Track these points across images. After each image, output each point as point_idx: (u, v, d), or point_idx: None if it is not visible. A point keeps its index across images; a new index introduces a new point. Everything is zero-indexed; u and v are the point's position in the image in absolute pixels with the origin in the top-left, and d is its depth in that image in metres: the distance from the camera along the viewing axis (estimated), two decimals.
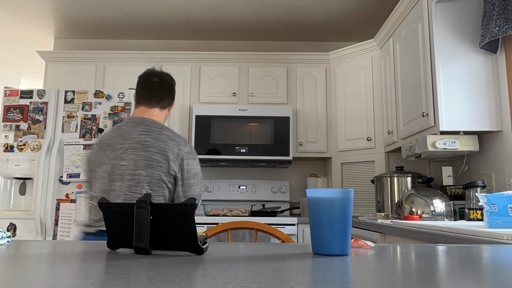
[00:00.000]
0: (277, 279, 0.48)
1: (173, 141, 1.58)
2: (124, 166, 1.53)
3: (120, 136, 1.58)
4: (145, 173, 1.51)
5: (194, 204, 0.72)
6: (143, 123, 1.60)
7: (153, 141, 1.55)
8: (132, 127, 1.59)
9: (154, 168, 1.52)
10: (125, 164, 1.53)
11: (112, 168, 1.54)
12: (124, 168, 1.52)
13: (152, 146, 1.54)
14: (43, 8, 3.42)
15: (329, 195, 0.74)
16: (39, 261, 0.62)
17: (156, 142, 1.55)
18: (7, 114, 2.91)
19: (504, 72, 2.14)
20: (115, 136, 1.59)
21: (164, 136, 1.58)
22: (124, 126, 1.61)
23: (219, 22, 3.65)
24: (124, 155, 1.54)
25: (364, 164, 3.19)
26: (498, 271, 0.56)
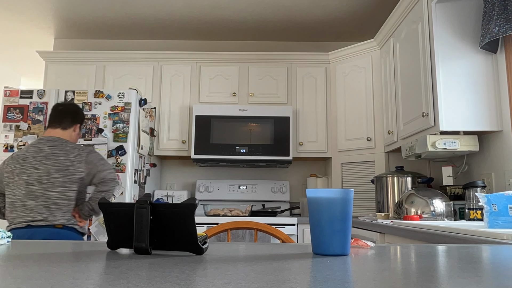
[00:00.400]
0: (277, 279, 0.48)
1: (75, 149, 2.08)
2: (39, 173, 1.99)
3: (33, 152, 2.04)
4: (57, 176, 1.99)
5: (194, 204, 0.72)
6: (51, 140, 2.09)
7: (60, 152, 2.04)
8: (43, 144, 2.07)
9: (63, 171, 2.01)
10: (40, 171, 1.99)
11: (29, 176, 1.99)
12: (39, 174, 1.99)
13: (60, 155, 2.03)
14: (43, 8, 3.42)
15: (329, 195, 0.74)
16: (39, 261, 0.62)
17: (63, 151, 2.04)
18: (7, 114, 2.91)
19: (504, 72, 2.14)
20: (29, 151, 2.05)
21: (68, 147, 2.08)
22: (36, 144, 2.07)
23: (219, 22, 3.65)
24: (38, 165, 2.00)
25: (364, 164, 3.20)
26: (498, 271, 0.56)
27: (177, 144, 3.45)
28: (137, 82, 3.54)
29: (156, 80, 3.56)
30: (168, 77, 3.55)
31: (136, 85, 3.53)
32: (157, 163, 3.61)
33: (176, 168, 3.80)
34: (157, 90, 3.54)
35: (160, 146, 3.44)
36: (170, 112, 3.50)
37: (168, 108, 3.50)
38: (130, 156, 2.82)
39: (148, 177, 3.27)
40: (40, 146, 2.06)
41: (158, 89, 3.54)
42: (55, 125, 2.16)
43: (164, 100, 3.52)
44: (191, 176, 3.79)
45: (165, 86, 3.54)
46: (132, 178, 2.85)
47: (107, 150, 2.81)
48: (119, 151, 2.82)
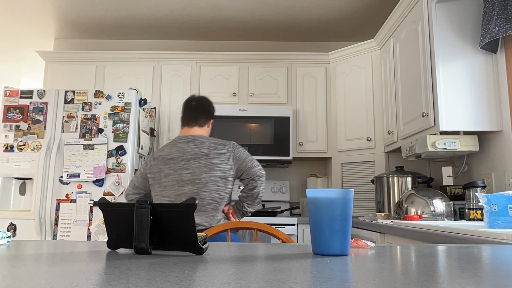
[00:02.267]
0: (277, 279, 0.48)
1: (220, 145, 2.00)
2: (190, 173, 1.92)
3: (178, 151, 1.97)
4: (209, 175, 1.93)
5: (194, 204, 0.72)
6: (194, 139, 2.01)
7: (206, 150, 1.96)
8: (186, 143, 1.99)
9: (214, 170, 1.93)
10: (190, 172, 1.93)
11: (179, 176, 1.93)
12: (190, 175, 1.92)
13: (208, 154, 1.95)
14: (43, 8, 3.42)
15: (329, 195, 0.74)
16: (39, 261, 0.62)
17: (209, 150, 1.97)
18: (7, 114, 2.91)
19: (504, 72, 2.14)
20: (174, 151, 1.98)
21: (213, 144, 1.99)
22: (178, 143, 2.00)
23: (219, 22, 3.65)
24: (187, 165, 1.94)
25: (364, 164, 3.19)
26: (498, 271, 0.56)
27: None
28: (137, 82, 3.54)
29: (156, 80, 3.56)
30: (168, 77, 3.55)
31: (136, 85, 3.53)
32: None
33: None
34: (157, 90, 3.54)
35: (160, 146, 3.44)
36: (170, 112, 3.50)
37: (168, 108, 3.50)
38: (130, 156, 2.82)
39: None
40: (184, 146, 1.98)
41: (158, 89, 3.54)
42: (192, 123, 2.08)
43: (164, 100, 3.52)
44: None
45: (165, 86, 3.54)
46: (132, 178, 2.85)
47: (107, 150, 2.81)
48: (119, 151, 2.82)
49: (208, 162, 1.94)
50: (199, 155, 1.95)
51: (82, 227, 2.73)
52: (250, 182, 1.99)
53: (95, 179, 2.76)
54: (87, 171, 2.78)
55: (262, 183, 2.01)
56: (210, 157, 1.95)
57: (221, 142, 2.02)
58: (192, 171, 1.92)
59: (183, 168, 1.93)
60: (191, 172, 1.92)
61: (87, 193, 2.77)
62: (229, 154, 1.98)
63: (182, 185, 1.92)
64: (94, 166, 2.78)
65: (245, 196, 2.01)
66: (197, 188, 1.91)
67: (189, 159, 1.94)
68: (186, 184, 1.92)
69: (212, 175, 1.92)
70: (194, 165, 1.93)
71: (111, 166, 2.79)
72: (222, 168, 1.95)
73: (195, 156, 1.94)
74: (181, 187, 1.92)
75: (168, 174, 1.95)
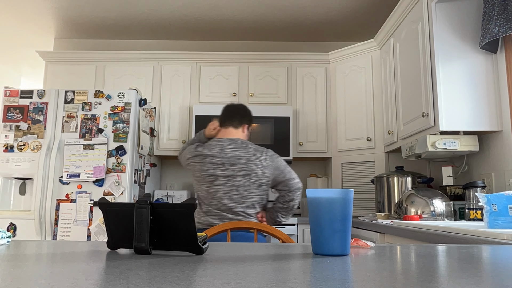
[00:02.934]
0: (277, 279, 0.48)
1: (259, 152, 2.01)
2: (224, 173, 1.94)
3: (216, 151, 1.99)
4: (244, 180, 1.94)
5: (194, 204, 0.72)
6: (233, 142, 2.03)
7: (245, 155, 1.98)
8: (225, 146, 2.01)
9: (250, 175, 1.95)
10: (225, 172, 1.95)
11: (213, 175, 1.95)
12: (224, 175, 1.94)
13: (246, 158, 1.97)
14: (43, 8, 3.42)
15: (329, 195, 0.74)
16: (39, 261, 0.62)
17: (247, 155, 1.98)
18: (7, 114, 2.91)
19: (504, 72, 2.14)
20: (212, 151, 2.00)
21: (251, 150, 2.00)
22: (217, 144, 2.02)
23: (219, 22, 3.65)
24: (223, 166, 1.96)
25: (364, 164, 3.19)
26: (498, 271, 0.56)
27: (177, 144, 3.45)
28: (137, 82, 3.54)
29: (156, 80, 3.56)
30: (168, 77, 3.55)
31: (136, 85, 3.53)
32: (157, 163, 3.61)
33: (176, 168, 3.80)
34: (157, 90, 3.54)
35: (160, 146, 3.44)
36: (170, 112, 3.50)
37: (168, 108, 3.50)
38: (130, 156, 2.82)
39: (148, 177, 3.27)
40: (222, 147, 2.01)
41: (158, 89, 3.54)
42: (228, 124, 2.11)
43: (164, 100, 3.52)
44: (191, 176, 3.78)
45: (165, 86, 3.54)
46: (132, 178, 2.85)
47: (107, 150, 2.81)
48: (119, 151, 2.82)
49: (244, 167, 1.96)
50: (236, 158, 1.97)
51: (82, 227, 2.73)
52: (287, 194, 2.00)
53: (95, 179, 2.76)
54: (87, 171, 2.78)
55: (299, 196, 2.03)
56: (248, 162, 1.96)
57: (259, 148, 2.04)
58: (227, 172, 1.95)
59: (218, 168, 1.96)
60: (226, 173, 1.95)
61: (87, 193, 2.77)
62: (268, 163, 1.99)
63: (215, 183, 1.95)
64: (94, 166, 2.78)
65: (281, 207, 2.02)
66: (230, 190, 1.94)
67: (226, 161, 1.97)
68: (219, 184, 1.94)
69: (248, 180, 1.95)
70: (230, 167, 1.95)
71: (111, 166, 2.79)
72: (258, 175, 1.96)
73: (232, 159, 1.97)
74: (214, 185, 1.95)
75: (202, 170, 1.98)
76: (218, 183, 1.94)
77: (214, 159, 1.97)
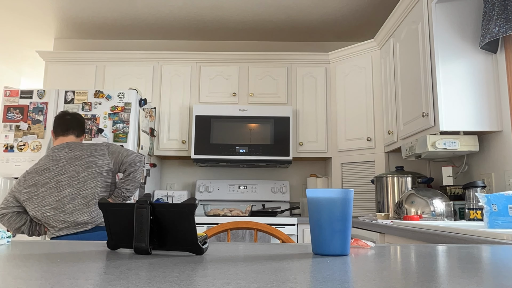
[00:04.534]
0: (277, 279, 0.48)
1: (93, 145, 2.12)
2: (67, 176, 1.99)
3: (52, 160, 2.04)
4: (86, 174, 2.01)
5: (194, 204, 0.72)
6: (67, 146, 2.10)
7: (81, 152, 2.07)
8: (60, 151, 2.07)
9: (91, 167, 2.03)
10: (68, 175, 1.99)
11: (57, 183, 1.98)
12: (67, 178, 1.99)
13: (82, 155, 2.05)
14: (43, 8, 3.42)
15: (329, 195, 0.74)
16: (39, 261, 0.62)
17: (83, 151, 2.07)
18: (7, 114, 2.91)
19: (504, 72, 2.14)
20: (48, 161, 2.04)
21: (86, 146, 2.11)
22: (52, 153, 2.07)
23: (219, 22, 3.65)
24: (63, 170, 2.00)
25: (364, 164, 3.19)
26: (498, 271, 0.56)
27: (177, 144, 3.45)
28: (137, 82, 3.54)
29: (156, 80, 3.56)
30: (168, 77, 3.55)
31: (136, 85, 3.53)
32: (157, 163, 3.61)
33: (176, 168, 3.80)
34: (157, 90, 3.54)
35: (160, 146, 3.44)
36: (170, 112, 3.50)
37: (168, 108, 3.50)
38: None
39: (148, 177, 3.27)
40: (57, 154, 2.06)
41: (158, 89, 3.54)
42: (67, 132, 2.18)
43: (164, 100, 3.52)
44: (191, 176, 3.79)
45: (165, 86, 3.54)
46: None
47: None
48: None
49: (83, 162, 2.03)
50: (74, 158, 2.03)
51: None
52: (127, 169, 2.10)
53: None
54: None
55: (140, 167, 2.12)
56: (85, 156, 2.04)
57: (94, 143, 2.15)
58: (70, 174, 1.99)
59: (60, 174, 1.99)
60: (68, 175, 1.99)
61: None
62: (104, 151, 2.09)
63: (61, 189, 1.97)
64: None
65: (123, 181, 2.09)
66: (77, 189, 1.98)
67: (64, 165, 2.02)
68: (65, 188, 1.97)
69: (90, 172, 2.01)
70: (71, 168, 2.01)
71: None
72: (98, 164, 2.04)
73: (70, 160, 2.03)
74: (60, 192, 1.97)
75: (45, 183, 1.99)
76: (64, 187, 1.97)
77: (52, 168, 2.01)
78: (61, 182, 1.98)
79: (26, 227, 2.05)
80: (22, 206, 2.03)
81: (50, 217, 1.97)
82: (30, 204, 1.99)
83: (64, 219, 1.96)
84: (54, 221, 1.97)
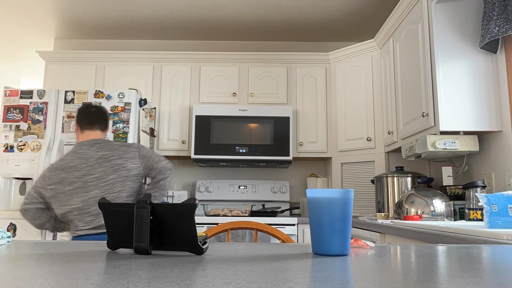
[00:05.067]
0: (277, 279, 0.48)
1: (123, 146, 2.02)
2: (95, 177, 1.91)
3: (80, 158, 1.95)
4: (115, 176, 1.93)
5: (194, 204, 0.72)
6: (96, 143, 2.01)
7: (110, 153, 1.97)
8: (88, 148, 1.98)
9: (120, 170, 1.94)
10: (96, 176, 1.91)
11: (84, 183, 1.90)
12: (95, 179, 1.91)
13: (112, 156, 1.96)
14: (43, 8, 3.42)
15: (329, 195, 0.74)
16: (39, 261, 0.62)
17: (113, 151, 1.98)
18: (7, 114, 2.91)
19: (504, 72, 2.14)
20: (75, 158, 1.96)
21: (116, 146, 2.01)
22: (80, 149, 1.98)
23: (219, 22, 3.65)
24: (92, 170, 1.92)
25: (364, 164, 3.19)
26: (498, 271, 0.56)
27: (177, 144, 3.45)
28: (137, 82, 3.54)
29: (156, 80, 3.56)
30: (168, 77, 3.56)
31: (136, 85, 3.53)
32: None
33: (176, 168, 3.80)
34: (157, 90, 3.54)
35: (160, 146, 3.44)
36: (170, 112, 3.50)
37: (168, 108, 3.50)
38: None
39: None
40: (86, 151, 1.97)
41: (158, 89, 3.54)
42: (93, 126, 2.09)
43: (164, 100, 3.52)
44: (191, 176, 3.79)
45: (165, 86, 3.54)
46: None
47: None
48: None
49: (113, 164, 1.94)
50: (103, 158, 1.95)
51: None
52: (156, 175, 2.01)
53: None
54: None
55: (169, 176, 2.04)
56: (115, 158, 1.95)
57: (124, 143, 2.05)
58: (98, 175, 1.92)
59: (88, 174, 1.92)
60: (96, 176, 1.91)
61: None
62: (135, 154, 2.00)
63: (88, 190, 1.90)
64: None
65: (151, 187, 2.03)
66: (104, 191, 1.91)
67: (93, 164, 1.93)
68: (92, 189, 1.90)
69: (119, 175, 1.93)
70: (99, 169, 1.93)
71: None
72: (128, 167, 1.96)
73: (99, 160, 1.94)
74: (88, 193, 1.90)
75: (72, 182, 1.92)
76: (91, 188, 1.90)
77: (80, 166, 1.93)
78: (88, 182, 1.91)
79: (50, 224, 2.00)
80: (46, 202, 1.96)
81: (75, 217, 1.91)
82: (55, 201, 1.93)
83: (89, 220, 1.90)
84: (79, 220, 1.91)
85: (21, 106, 2.92)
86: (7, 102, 2.93)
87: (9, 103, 2.93)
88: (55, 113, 2.90)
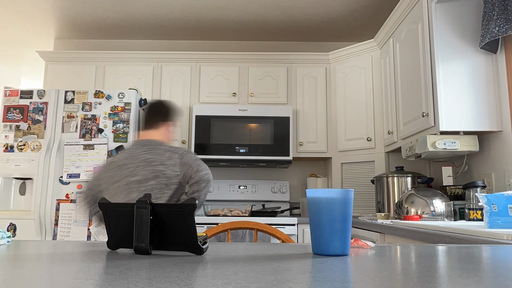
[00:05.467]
0: (277, 279, 0.48)
1: (169, 151, 1.98)
2: (137, 180, 1.91)
3: (130, 158, 1.97)
4: (155, 183, 1.91)
5: (194, 204, 0.72)
6: (146, 144, 2.01)
7: (154, 156, 1.95)
8: (138, 149, 1.99)
9: (160, 177, 1.92)
10: (137, 178, 1.91)
11: (127, 184, 1.91)
12: (136, 182, 1.91)
13: (155, 160, 1.94)
14: (43, 8, 3.42)
15: (329, 195, 0.74)
16: (39, 261, 0.62)
17: (157, 156, 1.95)
18: (7, 114, 2.91)
19: (504, 72, 2.14)
20: (125, 158, 1.98)
21: (162, 151, 1.98)
22: (131, 149, 2.00)
23: (219, 22, 3.65)
24: (134, 172, 1.93)
25: (364, 164, 3.19)
26: (498, 271, 0.56)
27: (177, 144, 3.45)
28: (137, 82, 3.54)
29: (156, 80, 3.56)
30: (168, 77, 3.55)
31: (136, 85, 3.53)
32: None
33: None
34: (157, 90, 3.54)
35: None
36: None
37: None
38: None
39: None
40: (136, 151, 1.98)
41: (158, 89, 3.54)
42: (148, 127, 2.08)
43: None
44: None
45: (165, 86, 3.54)
46: None
47: (107, 150, 2.81)
48: (119, 151, 2.82)
49: (153, 169, 1.92)
50: (146, 161, 1.93)
51: (82, 227, 2.73)
52: (193, 185, 1.94)
53: None
54: (87, 171, 2.78)
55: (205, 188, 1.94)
56: (157, 163, 1.93)
57: (172, 148, 2.00)
58: (139, 178, 1.91)
59: (131, 175, 1.92)
60: (138, 178, 1.91)
61: None
62: (177, 161, 1.95)
63: (129, 192, 1.90)
64: (94, 166, 2.78)
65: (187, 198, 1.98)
66: None
67: (137, 166, 1.93)
68: (133, 191, 1.90)
69: (158, 182, 1.91)
70: (141, 172, 1.92)
71: None
72: (168, 175, 1.92)
73: (143, 163, 1.93)
74: (128, 195, 1.90)
75: (117, 181, 1.93)
76: (133, 190, 1.90)
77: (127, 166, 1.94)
78: (130, 184, 1.91)
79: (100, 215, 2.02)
80: None
81: None
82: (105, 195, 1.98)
83: None
84: None
85: (21, 106, 2.92)
86: (7, 102, 2.93)
87: (9, 103, 2.93)
88: (55, 113, 2.90)
